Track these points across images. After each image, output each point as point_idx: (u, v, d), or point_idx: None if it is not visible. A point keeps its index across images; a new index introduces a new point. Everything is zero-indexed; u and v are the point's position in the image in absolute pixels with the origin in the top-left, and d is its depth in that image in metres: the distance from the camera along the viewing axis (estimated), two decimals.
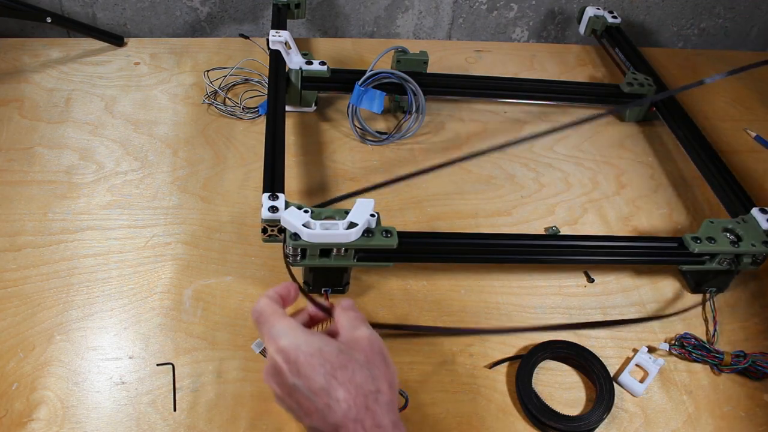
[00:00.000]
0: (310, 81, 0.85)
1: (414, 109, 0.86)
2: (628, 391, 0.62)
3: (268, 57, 0.86)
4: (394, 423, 0.45)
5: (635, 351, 0.65)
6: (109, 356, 0.59)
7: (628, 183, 0.85)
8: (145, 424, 0.55)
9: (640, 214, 0.80)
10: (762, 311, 0.71)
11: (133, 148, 0.80)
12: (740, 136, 0.96)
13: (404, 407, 0.58)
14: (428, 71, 0.88)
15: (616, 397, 0.60)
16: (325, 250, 0.59)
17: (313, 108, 0.89)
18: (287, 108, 0.86)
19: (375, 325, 0.55)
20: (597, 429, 0.59)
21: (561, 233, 0.76)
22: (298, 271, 0.66)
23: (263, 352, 0.55)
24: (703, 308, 0.71)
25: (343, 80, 0.85)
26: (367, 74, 0.84)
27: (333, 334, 0.51)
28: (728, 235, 0.68)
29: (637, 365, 0.64)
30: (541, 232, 0.76)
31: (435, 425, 0.58)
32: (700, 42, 1.21)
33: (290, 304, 0.54)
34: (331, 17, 1.08)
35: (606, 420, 0.59)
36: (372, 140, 0.85)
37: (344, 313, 0.53)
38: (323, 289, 0.65)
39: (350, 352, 0.48)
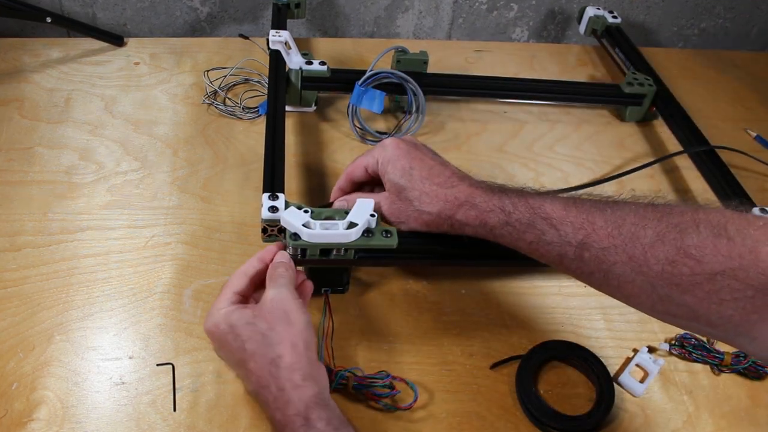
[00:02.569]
0: (310, 81, 0.85)
1: (414, 109, 0.86)
2: (628, 391, 0.62)
3: (268, 57, 0.86)
4: (294, 384, 0.49)
5: (635, 351, 0.65)
6: (109, 356, 0.59)
7: (628, 183, 0.84)
8: (145, 424, 0.55)
9: None
10: None
11: (133, 148, 0.80)
12: (740, 136, 0.96)
13: (413, 402, 0.58)
14: (428, 71, 0.88)
15: (616, 397, 0.60)
16: (325, 250, 0.59)
17: (313, 108, 0.89)
18: (287, 108, 0.86)
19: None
20: (597, 429, 0.59)
21: None
22: None
23: None
24: None
25: (343, 80, 0.85)
26: (367, 74, 0.84)
27: None
28: None
29: (637, 365, 0.64)
30: None
31: (435, 425, 0.58)
32: (700, 42, 1.22)
33: (270, 261, 0.59)
34: (331, 17, 1.08)
35: (606, 420, 0.59)
36: (372, 140, 0.85)
37: (270, 272, 0.57)
38: (323, 289, 0.65)
39: (256, 321, 0.52)
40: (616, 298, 0.51)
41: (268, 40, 0.82)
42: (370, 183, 0.65)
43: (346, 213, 0.60)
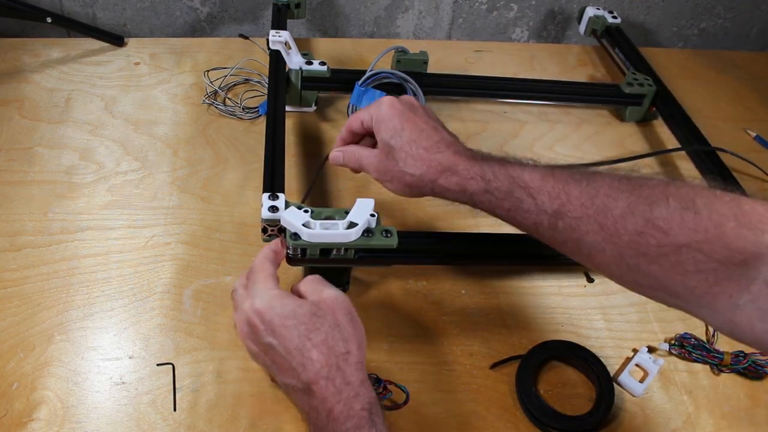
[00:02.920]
0: (310, 81, 0.85)
1: None
2: (627, 391, 0.62)
3: (268, 57, 0.86)
4: (361, 381, 0.49)
5: (635, 351, 0.65)
6: (109, 356, 0.59)
7: None
8: (145, 424, 0.55)
9: None
10: None
11: (133, 148, 0.80)
12: (740, 136, 0.96)
13: (405, 402, 0.58)
14: (428, 71, 0.88)
15: (616, 397, 0.60)
16: (325, 250, 0.59)
17: (313, 108, 0.89)
18: (287, 108, 0.86)
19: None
20: (597, 429, 0.59)
21: None
22: (298, 270, 0.66)
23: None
24: None
25: (343, 80, 0.85)
26: (367, 74, 0.84)
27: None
28: None
29: (637, 365, 0.64)
30: None
31: (435, 425, 0.58)
32: (700, 42, 1.22)
33: (281, 258, 0.59)
34: (331, 17, 1.08)
35: (606, 420, 0.59)
36: None
37: (303, 281, 0.55)
38: None
39: (321, 315, 0.51)
40: (588, 266, 0.53)
41: (268, 40, 0.82)
42: (372, 136, 0.65)
43: (346, 213, 0.60)
